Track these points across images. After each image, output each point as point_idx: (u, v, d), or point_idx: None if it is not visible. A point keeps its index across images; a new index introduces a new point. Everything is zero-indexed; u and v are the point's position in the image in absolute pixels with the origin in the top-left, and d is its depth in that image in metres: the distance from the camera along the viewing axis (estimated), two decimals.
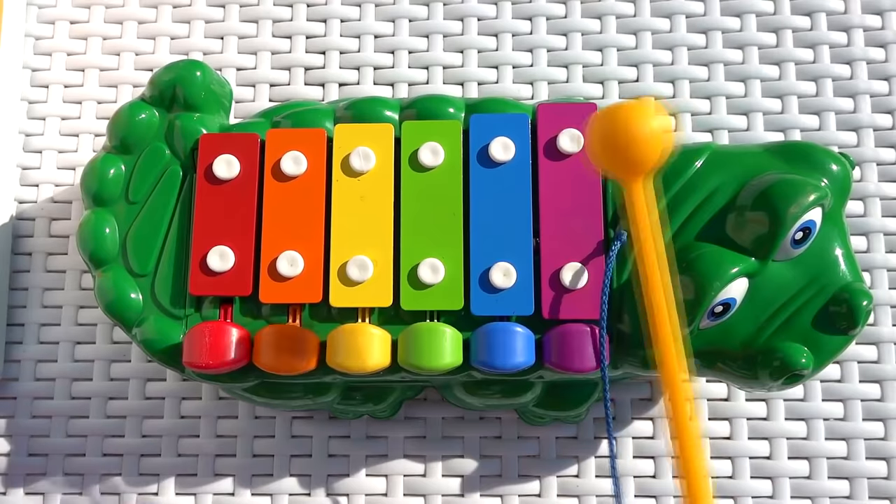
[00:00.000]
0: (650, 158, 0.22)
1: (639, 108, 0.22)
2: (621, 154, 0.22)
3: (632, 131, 0.21)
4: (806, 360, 0.28)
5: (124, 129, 0.32)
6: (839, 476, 0.34)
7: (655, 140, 0.21)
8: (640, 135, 0.21)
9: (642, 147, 0.21)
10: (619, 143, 0.22)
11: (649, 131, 0.21)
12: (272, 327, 0.30)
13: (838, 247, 0.30)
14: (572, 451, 0.35)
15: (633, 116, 0.22)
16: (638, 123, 0.21)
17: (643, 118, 0.22)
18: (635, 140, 0.21)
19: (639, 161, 0.22)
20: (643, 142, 0.21)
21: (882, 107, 0.38)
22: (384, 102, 0.32)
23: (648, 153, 0.22)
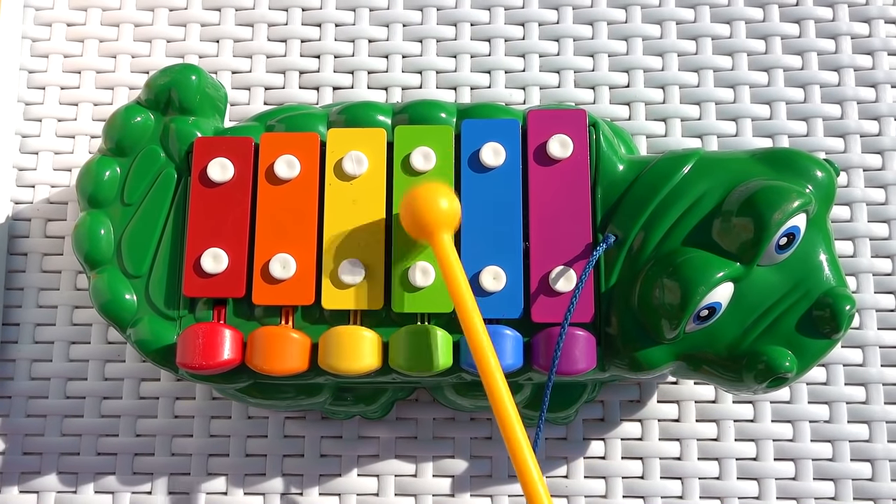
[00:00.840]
0: (437, 226, 0.28)
1: (424, 192, 0.29)
2: (417, 226, 0.29)
3: (420, 212, 0.29)
4: (790, 364, 0.29)
5: (120, 132, 0.32)
6: (824, 477, 0.35)
7: (439, 214, 0.28)
8: (426, 212, 0.28)
9: (429, 220, 0.28)
10: (413, 220, 0.29)
11: (435, 209, 0.28)
12: (265, 329, 0.30)
13: (822, 252, 0.30)
14: (561, 452, 0.35)
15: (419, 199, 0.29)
16: (423, 205, 0.29)
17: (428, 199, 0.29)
18: (422, 217, 0.28)
19: (430, 229, 0.28)
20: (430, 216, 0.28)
21: (869, 113, 0.38)
22: (377, 107, 0.33)
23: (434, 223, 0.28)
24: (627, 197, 0.31)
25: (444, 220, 0.28)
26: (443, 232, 0.28)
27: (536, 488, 0.26)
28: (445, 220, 0.28)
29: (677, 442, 0.35)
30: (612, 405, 0.36)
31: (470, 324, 0.27)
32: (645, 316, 0.30)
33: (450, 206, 0.29)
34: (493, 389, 0.27)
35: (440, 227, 0.28)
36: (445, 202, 0.28)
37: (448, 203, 0.29)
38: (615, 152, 0.32)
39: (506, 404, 0.27)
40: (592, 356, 0.30)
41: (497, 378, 0.27)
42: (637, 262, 0.30)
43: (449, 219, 0.29)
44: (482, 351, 0.27)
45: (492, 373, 0.27)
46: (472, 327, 0.27)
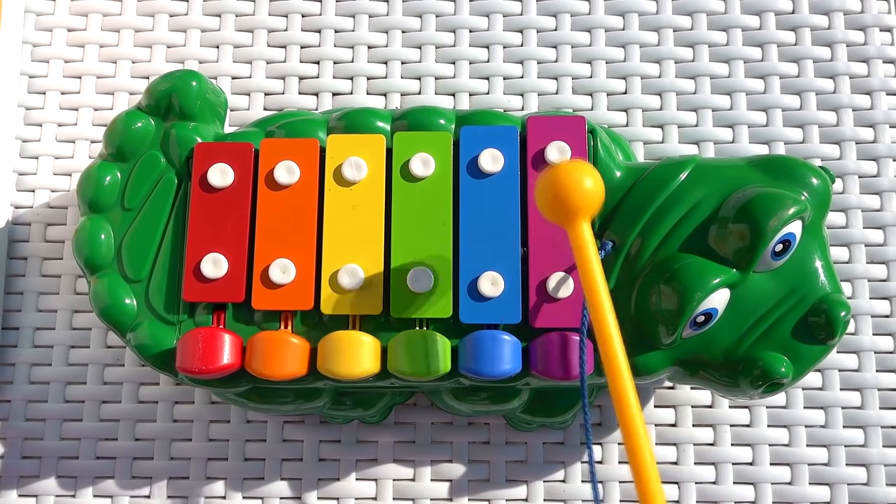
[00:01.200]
0: (584, 211, 0.26)
1: (571, 169, 0.26)
2: (559, 208, 0.26)
3: (566, 190, 0.25)
4: (786, 370, 0.29)
5: (120, 137, 0.33)
6: (820, 482, 0.35)
7: (586, 195, 0.25)
8: (574, 192, 0.25)
9: (576, 202, 0.25)
10: (557, 200, 0.26)
11: (582, 189, 0.25)
12: (264, 333, 0.30)
13: (818, 259, 0.30)
14: (559, 456, 0.36)
15: (566, 176, 0.26)
16: (571, 183, 0.25)
17: (576, 177, 0.25)
18: (569, 197, 0.25)
19: (573, 213, 0.26)
20: (577, 198, 0.25)
21: (864, 120, 0.39)
22: (376, 113, 0.33)
23: (582, 207, 0.25)
24: (625, 203, 0.31)
25: (588, 203, 0.25)
26: (583, 218, 0.26)
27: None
28: (588, 204, 0.25)
29: (674, 446, 0.36)
30: (610, 409, 0.36)
31: (604, 324, 0.25)
32: (642, 321, 0.30)
33: (595, 188, 0.26)
34: (620, 393, 0.25)
35: (581, 212, 0.25)
36: (590, 182, 0.25)
37: (593, 183, 0.26)
38: (613, 159, 0.32)
39: (631, 404, 0.25)
40: (590, 361, 0.30)
41: (627, 383, 0.25)
42: (634, 268, 0.30)
43: (592, 202, 0.26)
44: (616, 358, 0.25)
45: (622, 377, 0.25)
46: (606, 328, 0.25)
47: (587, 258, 0.25)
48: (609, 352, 0.25)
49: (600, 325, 0.25)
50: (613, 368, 0.25)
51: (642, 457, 0.24)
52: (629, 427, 0.25)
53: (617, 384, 0.25)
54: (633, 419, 0.25)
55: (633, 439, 0.25)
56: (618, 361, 0.25)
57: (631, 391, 0.25)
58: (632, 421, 0.25)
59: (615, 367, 0.25)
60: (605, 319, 0.25)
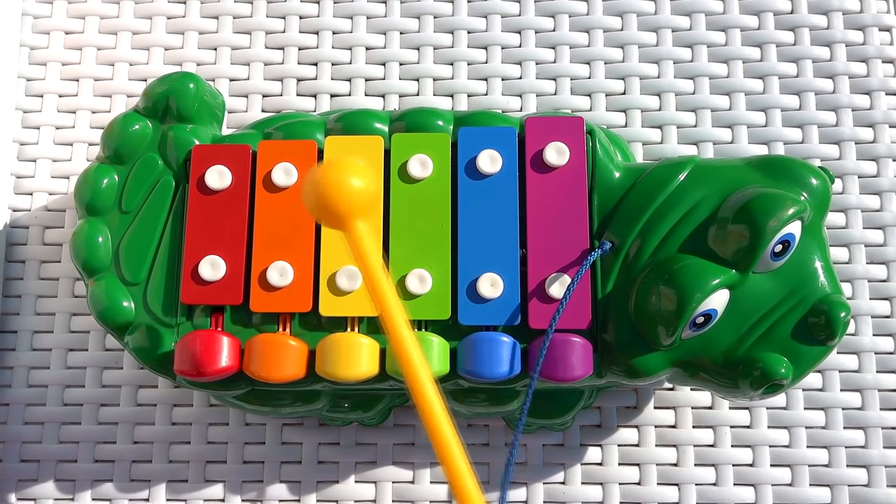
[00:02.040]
0: (351, 211, 0.23)
1: (332, 168, 0.23)
2: (325, 210, 0.23)
3: (329, 190, 0.23)
4: (785, 371, 0.29)
5: (118, 140, 0.32)
6: (821, 483, 0.35)
7: (352, 194, 0.23)
8: (337, 192, 0.23)
9: (340, 202, 0.23)
10: (321, 202, 0.23)
11: (346, 188, 0.23)
12: (262, 336, 0.30)
13: (818, 259, 0.30)
14: (558, 458, 0.35)
15: (326, 177, 0.23)
16: (332, 182, 0.23)
17: (337, 176, 0.23)
18: (333, 197, 0.23)
19: (343, 214, 0.23)
20: (340, 197, 0.23)
21: (863, 120, 0.38)
22: (374, 115, 0.33)
23: (348, 206, 0.23)
24: (624, 204, 0.31)
25: (358, 204, 0.23)
26: (357, 219, 0.23)
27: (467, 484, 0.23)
28: (359, 205, 0.23)
29: (674, 448, 0.35)
30: (609, 411, 0.36)
31: (394, 329, 0.23)
32: (641, 323, 0.30)
33: (365, 187, 0.23)
34: (421, 399, 0.23)
35: (353, 214, 0.23)
36: (358, 181, 0.23)
37: (362, 183, 0.23)
38: (611, 159, 0.32)
39: (440, 419, 0.23)
40: (589, 363, 0.30)
41: (427, 385, 0.23)
42: (633, 269, 0.30)
43: (364, 203, 0.23)
44: (408, 354, 0.23)
45: (420, 380, 0.23)
46: (397, 333, 0.23)
47: (366, 261, 0.23)
48: (403, 352, 0.23)
49: (392, 329, 0.23)
50: (410, 370, 0.23)
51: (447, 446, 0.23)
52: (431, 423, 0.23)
53: (415, 384, 0.23)
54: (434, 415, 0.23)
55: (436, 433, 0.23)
56: (412, 359, 0.23)
57: (430, 386, 0.23)
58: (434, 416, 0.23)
59: (411, 368, 0.23)
60: (396, 323, 0.23)
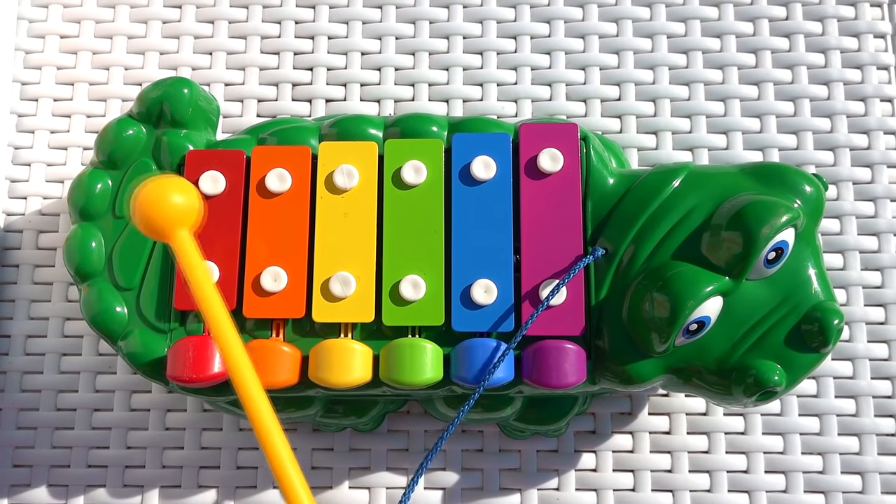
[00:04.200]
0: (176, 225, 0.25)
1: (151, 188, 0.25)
2: (152, 229, 0.25)
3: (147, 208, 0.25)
4: (779, 378, 0.29)
5: (112, 145, 0.32)
6: (815, 490, 0.35)
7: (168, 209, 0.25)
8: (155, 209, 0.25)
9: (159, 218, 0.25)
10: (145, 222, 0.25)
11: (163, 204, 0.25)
12: (255, 342, 0.30)
13: (811, 266, 0.30)
14: (552, 464, 0.35)
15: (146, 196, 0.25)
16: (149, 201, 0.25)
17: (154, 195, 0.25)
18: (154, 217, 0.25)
19: (166, 231, 0.25)
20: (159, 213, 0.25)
21: (858, 127, 0.39)
22: (368, 121, 0.33)
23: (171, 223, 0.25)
24: (617, 210, 0.31)
25: (179, 217, 0.25)
26: (180, 229, 0.25)
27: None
28: (180, 218, 0.25)
29: (668, 454, 0.35)
30: (604, 417, 0.36)
31: (221, 336, 0.24)
32: (635, 329, 0.30)
33: (186, 201, 0.25)
34: (250, 405, 0.24)
35: (175, 225, 0.25)
36: (179, 197, 0.25)
37: (183, 198, 0.25)
38: (606, 166, 0.32)
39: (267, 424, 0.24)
40: (583, 369, 0.30)
41: (253, 390, 0.24)
42: (627, 275, 0.30)
43: (184, 215, 0.25)
44: (233, 359, 0.24)
45: (247, 387, 0.24)
46: (224, 340, 0.24)
47: (191, 270, 0.25)
48: (231, 360, 0.24)
49: (219, 335, 0.24)
50: (236, 374, 0.24)
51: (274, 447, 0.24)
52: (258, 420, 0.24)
53: (241, 386, 0.24)
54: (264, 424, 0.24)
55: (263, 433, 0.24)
56: (241, 367, 0.24)
57: (257, 390, 0.24)
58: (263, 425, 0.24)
59: (237, 373, 0.24)
60: (223, 329, 0.24)
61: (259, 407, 0.24)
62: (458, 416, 0.29)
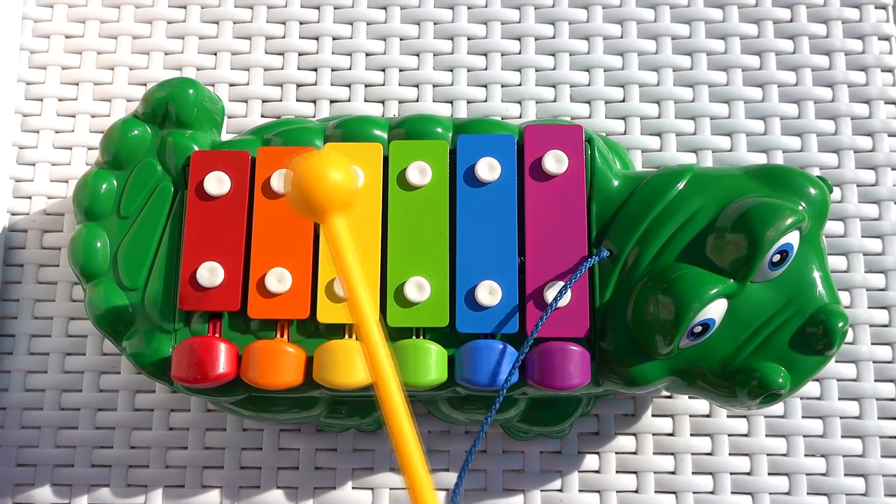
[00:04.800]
0: (330, 204, 0.24)
1: (316, 161, 0.24)
2: (307, 202, 0.24)
3: (309, 183, 0.24)
4: (783, 380, 0.29)
5: (117, 145, 0.32)
6: (818, 492, 0.35)
7: (332, 187, 0.24)
8: (317, 184, 0.24)
9: (320, 194, 0.24)
10: (303, 194, 0.24)
11: (326, 181, 0.24)
12: (260, 343, 0.30)
13: (816, 269, 0.30)
14: (556, 465, 0.35)
15: (310, 169, 0.24)
16: (315, 175, 0.24)
17: (321, 171, 0.24)
18: (312, 190, 0.24)
19: (322, 207, 0.24)
20: (321, 190, 0.24)
21: (862, 129, 0.39)
22: (373, 122, 0.33)
23: (327, 199, 0.24)
24: (622, 212, 0.31)
25: (339, 198, 0.24)
26: (336, 213, 0.24)
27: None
28: (339, 199, 0.24)
29: (672, 456, 0.35)
30: (607, 419, 0.36)
31: (367, 330, 0.24)
32: (639, 331, 0.30)
33: (345, 181, 0.24)
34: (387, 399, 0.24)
35: (333, 208, 0.24)
36: (339, 175, 0.24)
37: (343, 177, 0.24)
38: (610, 168, 0.32)
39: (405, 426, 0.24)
40: (587, 371, 0.30)
41: (394, 388, 0.24)
42: (631, 277, 0.30)
43: (343, 197, 0.24)
44: (380, 363, 0.24)
45: (389, 385, 0.23)
46: (370, 335, 0.24)
47: (342, 255, 0.24)
48: (373, 353, 0.24)
49: (363, 327, 0.24)
50: (379, 373, 0.24)
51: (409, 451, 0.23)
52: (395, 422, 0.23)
53: (382, 385, 0.23)
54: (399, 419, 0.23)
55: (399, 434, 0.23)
56: (383, 364, 0.24)
57: (397, 391, 0.24)
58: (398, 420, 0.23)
59: (380, 372, 0.23)
60: (366, 320, 0.24)
61: (397, 409, 0.23)
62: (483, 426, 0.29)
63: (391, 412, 0.23)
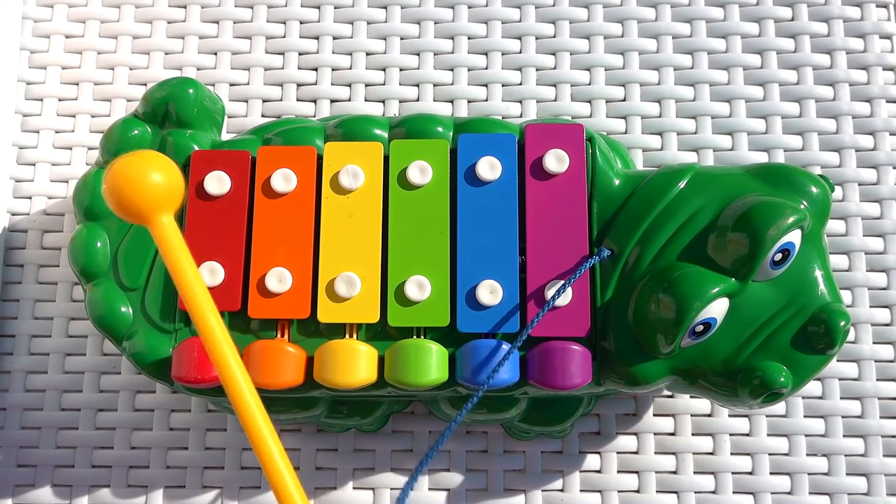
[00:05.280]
0: (157, 208, 0.23)
1: (127, 164, 0.23)
2: (126, 211, 0.23)
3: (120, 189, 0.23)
4: (785, 379, 0.29)
5: (117, 145, 0.32)
6: (820, 492, 0.35)
7: (152, 189, 0.23)
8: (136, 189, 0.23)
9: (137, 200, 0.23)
10: (121, 202, 0.23)
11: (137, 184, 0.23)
12: (260, 343, 0.30)
13: (817, 268, 0.30)
14: (557, 465, 0.35)
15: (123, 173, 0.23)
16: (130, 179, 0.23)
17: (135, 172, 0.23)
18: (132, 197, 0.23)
19: (140, 210, 0.23)
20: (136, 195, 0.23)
21: (864, 128, 0.38)
22: (374, 121, 0.33)
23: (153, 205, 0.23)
24: (623, 212, 0.31)
25: (160, 199, 0.23)
26: (161, 214, 0.23)
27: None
28: (161, 200, 0.23)
29: (673, 455, 0.35)
30: (608, 419, 0.36)
31: (204, 324, 0.23)
32: (640, 331, 0.30)
33: (166, 181, 0.23)
34: (235, 394, 0.23)
35: (156, 209, 0.23)
36: (158, 176, 0.23)
37: (163, 177, 0.23)
38: (611, 167, 0.32)
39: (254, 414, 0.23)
40: (588, 371, 0.30)
41: (239, 380, 0.23)
42: (633, 276, 0.30)
43: (167, 197, 0.23)
44: (219, 349, 0.23)
45: (233, 374, 0.23)
46: (208, 328, 0.23)
47: (170, 256, 0.23)
48: (215, 352, 0.23)
49: (201, 324, 0.23)
50: (223, 371, 0.23)
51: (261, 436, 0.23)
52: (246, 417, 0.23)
53: (228, 382, 0.23)
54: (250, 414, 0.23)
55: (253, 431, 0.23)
56: (227, 363, 0.23)
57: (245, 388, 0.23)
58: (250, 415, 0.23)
59: (224, 370, 0.23)
60: (205, 319, 0.23)
61: (248, 406, 0.23)
62: (456, 419, 0.28)
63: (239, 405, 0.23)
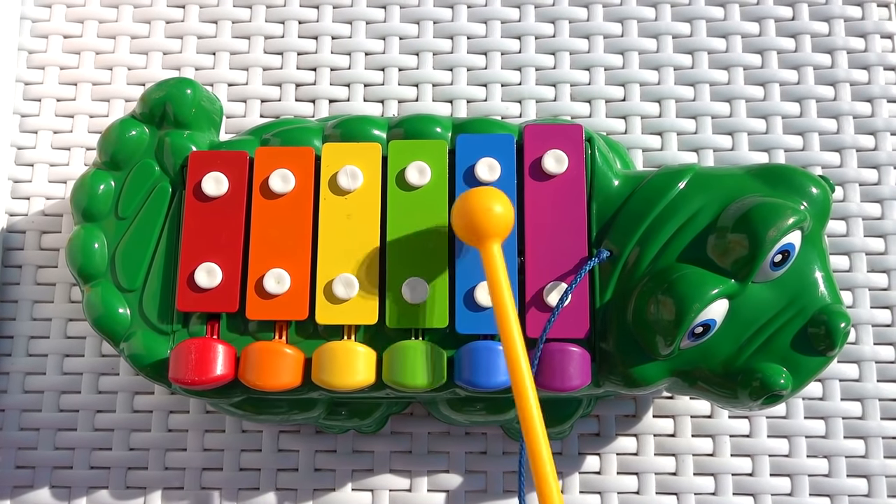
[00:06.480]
0: (493, 234, 0.28)
1: (481, 195, 0.29)
2: (471, 230, 0.28)
3: (476, 213, 0.28)
4: (785, 381, 0.29)
5: (114, 146, 0.32)
6: (821, 493, 0.35)
7: (494, 219, 0.28)
8: (483, 215, 0.28)
9: (485, 224, 0.28)
10: (468, 222, 0.28)
11: (490, 213, 0.28)
12: (258, 344, 0.30)
13: (818, 269, 0.30)
14: (557, 467, 0.35)
15: (476, 201, 0.28)
16: (481, 207, 0.28)
17: (486, 203, 0.28)
18: (478, 220, 0.28)
19: (484, 236, 0.28)
20: (485, 220, 0.28)
21: (865, 128, 0.38)
22: (372, 121, 0.33)
23: (490, 228, 0.28)
24: (623, 212, 0.31)
25: (498, 227, 0.28)
26: (494, 240, 0.28)
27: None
28: (499, 228, 0.28)
29: (673, 457, 0.35)
30: (608, 420, 0.36)
31: (510, 342, 0.27)
32: (640, 332, 0.29)
33: (505, 213, 0.28)
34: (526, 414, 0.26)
35: (492, 235, 0.28)
36: (500, 208, 0.28)
37: (503, 210, 0.28)
38: (611, 167, 0.32)
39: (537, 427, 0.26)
40: (587, 372, 0.30)
41: (532, 405, 0.26)
42: (632, 277, 0.30)
43: (503, 227, 0.28)
44: (520, 372, 0.27)
45: (528, 399, 0.26)
46: (513, 347, 0.27)
47: (496, 277, 0.28)
48: (517, 369, 0.27)
49: (509, 344, 0.27)
50: (520, 390, 0.26)
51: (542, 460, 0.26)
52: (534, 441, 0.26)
53: (524, 403, 0.26)
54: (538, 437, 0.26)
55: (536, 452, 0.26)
56: (525, 382, 0.26)
57: (535, 409, 0.26)
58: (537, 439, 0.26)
59: (522, 389, 0.26)
60: (512, 338, 0.27)
61: (534, 420, 0.26)
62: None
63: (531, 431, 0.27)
